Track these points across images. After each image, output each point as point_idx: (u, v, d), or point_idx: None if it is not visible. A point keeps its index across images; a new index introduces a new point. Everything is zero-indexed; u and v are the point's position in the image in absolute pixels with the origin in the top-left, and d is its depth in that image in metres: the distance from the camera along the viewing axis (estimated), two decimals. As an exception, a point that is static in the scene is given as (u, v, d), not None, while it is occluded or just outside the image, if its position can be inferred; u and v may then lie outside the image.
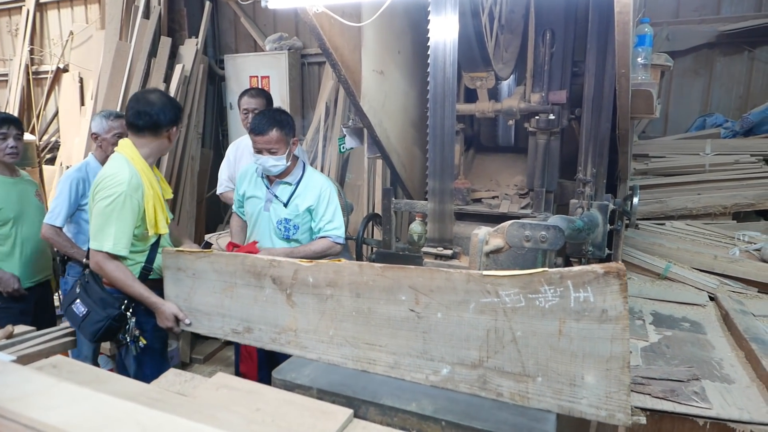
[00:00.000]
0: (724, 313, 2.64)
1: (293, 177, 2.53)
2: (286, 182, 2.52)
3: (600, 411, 1.25)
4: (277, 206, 2.51)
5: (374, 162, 4.65)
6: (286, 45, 5.45)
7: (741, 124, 4.16)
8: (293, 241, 2.53)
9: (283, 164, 2.41)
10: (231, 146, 3.53)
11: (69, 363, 1.46)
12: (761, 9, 4.22)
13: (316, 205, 2.49)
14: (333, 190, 2.55)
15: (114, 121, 2.88)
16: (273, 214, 2.52)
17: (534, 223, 1.65)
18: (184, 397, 1.31)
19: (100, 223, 2.08)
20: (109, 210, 2.07)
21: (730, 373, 2.07)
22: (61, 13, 6.64)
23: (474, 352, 1.36)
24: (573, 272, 1.22)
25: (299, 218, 2.50)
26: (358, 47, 2.23)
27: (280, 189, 2.52)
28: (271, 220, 2.53)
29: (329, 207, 2.51)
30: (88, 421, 0.87)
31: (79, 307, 2.14)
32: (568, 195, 2.52)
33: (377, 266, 1.45)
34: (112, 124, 2.87)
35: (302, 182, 2.53)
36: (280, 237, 2.53)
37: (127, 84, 5.18)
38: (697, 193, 3.88)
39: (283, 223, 2.51)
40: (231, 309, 1.76)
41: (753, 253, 3.18)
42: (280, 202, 2.51)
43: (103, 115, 2.94)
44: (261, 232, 2.57)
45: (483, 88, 2.36)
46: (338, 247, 2.53)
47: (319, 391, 1.43)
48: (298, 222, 2.51)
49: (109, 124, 2.87)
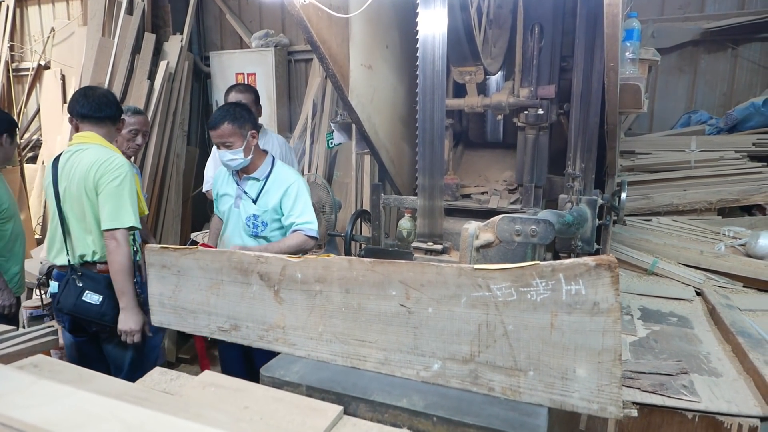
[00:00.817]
0: (710, 307, 2.66)
1: (261, 172, 2.50)
2: (254, 178, 2.50)
3: (592, 404, 1.24)
4: (247, 202, 2.50)
5: (362, 159, 4.63)
6: (272, 42, 5.41)
7: (725, 120, 4.22)
8: (261, 238, 2.51)
9: (240, 158, 2.39)
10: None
11: (51, 362, 1.41)
12: (744, 7, 4.27)
13: (285, 200, 2.46)
14: (302, 184, 2.52)
15: (131, 117, 2.83)
16: (242, 210, 2.51)
17: (524, 218, 1.64)
18: (170, 396, 1.28)
19: (116, 202, 2.22)
20: (121, 189, 2.23)
21: (718, 366, 2.08)
22: (41, 9, 6.53)
23: (465, 347, 1.35)
24: (565, 265, 1.21)
25: (268, 215, 2.48)
26: (345, 41, 2.21)
27: (249, 185, 2.50)
28: (241, 217, 2.51)
29: (298, 201, 2.47)
30: (69, 419, 0.84)
31: (92, 296, 2.27)
32: (556, 190, 2.53)
33: (367, 261, 1.43)
34: (130, 120, 2.82)
35: (271, 177, 2.51)
36: (249, 234, 2.51)
37: (111, 81, 5.09)
38: (683, 189, 3.92)
39: (251, 220, 2.49)
40: (217, 306, 1.73)
41: (738, 249, 3.22)
42: (249, 198, 2.49)
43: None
44: (232, 229, 2.55)
45: (472, 82, 2.35)
46: (312, 242, 2.51)
47: (309, 388, 1.41)
48: (266, 219, 2.49)
49: (127, 120, 2.81)
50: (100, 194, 2.24)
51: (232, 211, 2.55)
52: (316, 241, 2.55)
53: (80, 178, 2.29)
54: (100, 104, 2.39)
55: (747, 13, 4.18)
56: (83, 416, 0.86)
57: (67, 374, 1.28)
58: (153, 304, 1.84)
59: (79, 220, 2.34)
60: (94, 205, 2.30)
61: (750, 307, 2.64)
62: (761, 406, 1.79)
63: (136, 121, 2.85)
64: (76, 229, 2.35)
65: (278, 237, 2.53)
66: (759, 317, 2.53)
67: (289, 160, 3.47)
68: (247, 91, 3.25)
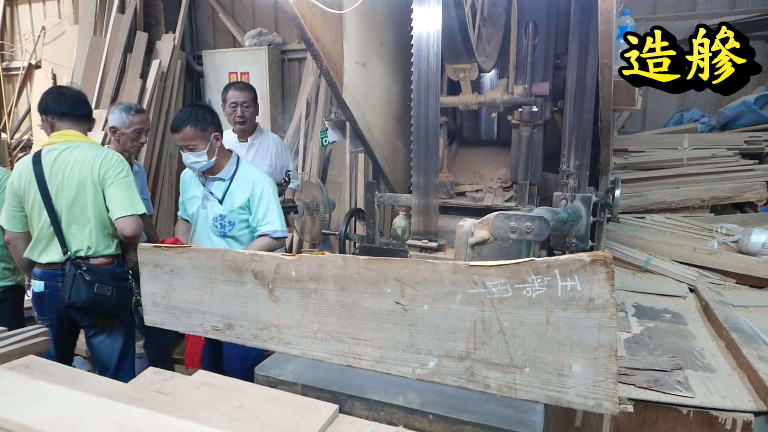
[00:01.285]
0: (704, 304, 2.68)
1: (226, 172, 2.50)
2: (219, 178, 2.49)
3: (588, 400, 1.23)
4: (213, 203, 2.49)
5: (356, 158, 4.62)
6: (265, 41, 5.39)
7: (717, 118, 4.24)
8: (230, 238, 2.51)
9: (204, 161, 2.39)
10: None
11: (42, 363, 1.40)
12: (736, 6, 4.30)
13: (250, 201, 2.46)
14: (267, 183, 2.51)
15: (135, 116, 2.81)
16: (209, 211, 2.50)
17: (519, 215, 1.64)
18: (164, 396, 1.27)
19: (127, 193, 2.38)
20: (128, 180, 2.40)
21: (712, 362, 2.09)
22: (32, 8, 6.47)
23: (461, 344, 1.34)
24: (560, 261, 1.20)
25: (234, 214, 2.47)
26: (339, 38, 2.20)
27: (215, 186, 2.50)
28: (208, 218, 2.50)
29: (262, 202, 2.47)
30: (61, 419, 0.83)
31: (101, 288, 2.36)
32: (551, 188, 2.53)
33: (362, 259, 1.42)
34: (133, 119, 2.80)
35: (236, 177, 2.50)
36: (217, 234, 2.50)
37: (102, 80, 5.06)
38: (676, 187, 3.94)
39: (218, 220, 2.48)
40: (211, 306, 1.71)
41: (731, 245, 3.23)
42: (216, 198, 2.48)
43: (122, 108, 2.84)
44: (200, 230, 2.55)
45: (466, 79, 2.35)
46: (279, 243, 2.51)
47: (304, 387, 1.40)
48: (233, 218, 2.48)
49: (130, 119, 2.80)
50: (109, 187, 2.36)
51: (199, 212, 2.54)
52: (283, 242, 2.54)
53: (81, 174, 2.34)
54: (77, 102, 2.46)
55: (738, 12, 4.22)
56: (76, 416, 0.85)
57: (58, 375, 1.27)
58: (146, 303, 1.82)
59: (76, 215, 2.37)
60: (98, 198, 2.37)
61: (743, 303, 2.66)
62: (755, 401, 1.80)
63: (140, 120, 2.83)
64: (73, 225, 2.38)
65: (246, 236, 2.53)
66: (752, 313, 2.55)
67: (284, 159, 3.45)
68: (246, 90, 3.24)
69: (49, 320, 2.45)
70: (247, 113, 3.23)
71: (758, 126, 4.08)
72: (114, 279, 2.40)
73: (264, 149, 3.35)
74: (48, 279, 2.42)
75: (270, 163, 3.32)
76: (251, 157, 3.31)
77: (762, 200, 3.77)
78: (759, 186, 3.76)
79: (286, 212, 3.33)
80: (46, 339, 1.78)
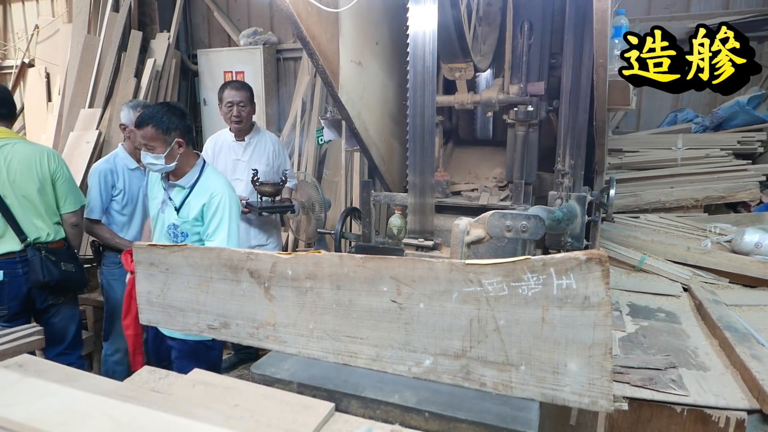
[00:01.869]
0: (697, 303, 2.69)
1: (187, 180, 2.38)
2: (179, 185, 2.38)
3: (583, 398, 1.24)
4: (170, 210, 2.39)
5: (351, 158, 4.62)
6: (260, 40, 5.38)
7: (711, 119, 4.27)
8: None
9: (161, 164, 2.28)
10: (209, 139, 3.44)
11: (36, 361, 1.39)
12: (729, 7, 4.33)
13: (204, 210, 2.34)
14: (225, 197, 2.34)
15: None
16: (166, 216, 2.41)
17: (515, 213, 1.64)
18: (159, 394, 1.26)
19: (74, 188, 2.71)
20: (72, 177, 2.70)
21: (705, 360, 2.11)
22: (25, 6, 6.43)
23: (457, 343, 1.34)
24: (555, 259, 1.21)
25: (188, 225, 2.36)
26: (335, 37, 2.20)
27: (175, 192, 2.39)
28: (165, 223, 2.41)
29: (216, 215, 2.33)
30: (56, 417, 0.82)
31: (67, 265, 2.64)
32: (546, 187, 2.53)
33: (358, 257, 1.42)
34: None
35: (196, 186, 2.37)
36: (170, 242, 2.35)
37: (97, 79, 5.04)
38: (670, 187, 3.96)
39: (172, 229, 2.39)
40: (207, 304, 1.71)
41: (724, 245, 3.25)
42: (173, 205, 2.38)
43: (131, 106, 2.88)
44: (158, 234, 2.47)
45: (462, 79, 2.35)
46: None
47: (300, 385, 1.40)
48: (186, 229, 2.37)
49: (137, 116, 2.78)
50: (58, 182, 2.63)
51: (159, 215, 2.44)
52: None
53: (28, 169, 2.54)
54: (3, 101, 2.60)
55: (732, 13, 4.24)
56: (71, 414, 0.84)
57: (53, 373, 1.26)
58: (141, 302, 1.82)
59: (26, 207, 2.56)
60: (47, 192, 2.60)
61: (736, 303, 2.68)
62: (748, 399, 1.81)
63: None
64: (29, 215, 2.57)
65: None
66: (745, 312, 2.57)
67: (282, 159, 3.44)
68: (242, 89, 3.21)
69: (8, 308, 2.56)
70: (243, 113, 3.20)
71: (751, 126, 4.11)
72: (71, 258, 2.70)
73: (261, 148, 3.34)
74: (7, 268, 2.54)
75: (267, 162, 3.31)
76: (248, 156, 3.30)
77: (755, 200, 3.80)
78: (752, 186, 3.79)
79: (283, 212, 3.32)
80: (40, 338, 1.77)
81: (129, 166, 2.98)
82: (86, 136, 4.77)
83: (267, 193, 3.12)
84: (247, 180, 3.27)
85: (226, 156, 3.30)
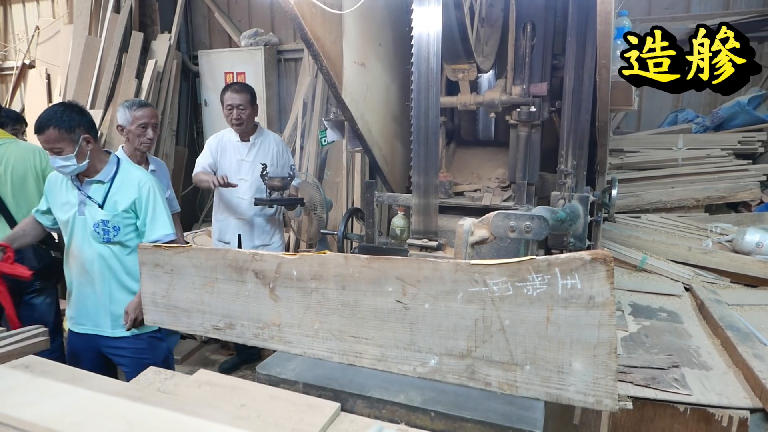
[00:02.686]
0: (699, 302, 2.70)
1: (105, 174, 2.32)
2: (98, 181, 2.31)
3: (587, 397, 1.24)
4: (92, 208, 2.31)
5: (353, 158, 4.62)
6: (261, 41, 5.38)
7: (711, 119, 4.27)
8: (116, 244, 2.34)
9: (73, 164, 2.20)
10: (213, 137, 3.41)
11: (42, 362, 1.40)
12: (729, 7, 4.34)
13: (136, 203, 2.32)
14: (153, 183, 2.37)
15: (137, 111, 2.75)
16: (88, 217, 2.31)
17: (519, 214, 1.65)
18: (165, 395, 1.27)
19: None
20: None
21: (708, 360, 2.11)
22: (26, 7, 6.43)
23: (462, 342, 1.35)
24: (560, 259, 1.21)
25: (119, 218, 2.31)
26: (339, 38, 2.20)
27: (93, 189, 2.31)
28: (87, 224, 2.32)
29: (149, 204, 2.33)
30: (69, 417, 0.82)
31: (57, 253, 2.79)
32: (548, 187, 2.54)
33: (363, 258, 1.42)
34: (136, 114, 2.74)
35: (117, 179, 2.33)
36: (100, 241, 2.32)
37: (98, 80, 5.05)
38: (671, 187, 3.97)
39: (100, 226, 2.30)
40: (212, 305, 1.71)
41: (725, 245, 3.26)
42: (95, 203, 2.30)
43: (125, 105, 2.80)
44: (78, 239, 2.35)
45: (465, 80, 2.36)
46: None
47: (305, 385, 1.41)
48: (117, 223, 2.31)
49: (133, 114, 2.74)
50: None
51: (76, 219, 2.33)
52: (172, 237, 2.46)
53: (24, 166, 2.73)
54: None
55: (732, 14, 4.25)
56: (83, 413, 0.85)
57: (60, 374, 1.27)
58: (146, 303, 1.82)
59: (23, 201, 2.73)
60: (40, 186, 2.72)
61: (737, 302, 2.68)
62: (750, 398, 1.82)
63: (144, 114, 2.75)
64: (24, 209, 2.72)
65: (135, 240, 2.38)
66: (746, 311, 2.58)
67: (285, 159, 3.45)
68: (243, 92, 3.19)
69: None
70: (243, 115, 3.20)
71: (752, 126, 4.12)
72: (55, 246, 2.84)
73: (265, 149, 3.34)
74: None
75: (272, 162, 3.31)
76: (253, 156, 3.30)
77: (756, 200, 3.81)
78: (753, 186, 3.80)
79: (293, 205, 3.32)
80: (45, 339, 1.77)
81: None
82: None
83: (275, 187, 3.09)
84: (252, 180, 3.27)
85: (230, 156, 3.31)
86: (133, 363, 2.41)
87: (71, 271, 2.40)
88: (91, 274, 2.34)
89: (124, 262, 2.36)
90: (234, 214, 3.37)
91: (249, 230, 3.37)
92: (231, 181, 3.13)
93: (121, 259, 2.35)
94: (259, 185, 3.26)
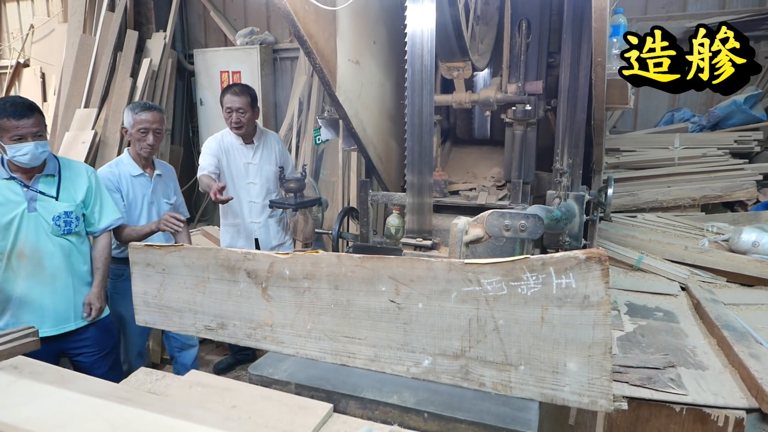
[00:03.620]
0: (695, 302, 2.69)
1: (52, 167, 2.32)
2: (48, 174, 2.29)
3: (582, 398, 1.23)
4: (47, 202, 2.27)
5: (349, 158, 4.61)
6: (257, 39, 5.37)
7: (708, 118, 4.27)
8: (75, 235, 2.35)
9: (48, 150, 2.26)
10: (212, 139, 3.27)
11: (31, 363, 1.38)
12: (725, 6, 4.34)
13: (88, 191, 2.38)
14: (93, 173, 2.46)
15: (139, 114, 2.69)
16: (44, 212, 2.27)
17: (514, 213, 1.64)
18: (156, 396, 1.25)
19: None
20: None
21: (704, 359, 2.11)
22: (20, 6, 6.40)
23: (456, 342, 1.33)
24: (555, 258, 1.20)
25: (80, 208, 2.36)
26: (333, 36, 2.19)
27: (43, 183, 2.28)
28: (43, 219, 2.27)
29: (98, 194, 2.42)
30: (51, 419, 0.81)
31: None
32: (544, 186, 2.53)
33: (356, 257, 1.41)
34: (137, 117, 2.69)
35: (63, 170, 2.35)
36: (59, 234, 2.30)
37: (92, 79, 5.02)
38: (667, 186, 3.97)
39: (62, 218, 2.29)
40: (203, 305, 1.69)
41: (721, 244, 3.26)
42: (49, 197, 2.28)
43: (130, 107, 2.77)
44: (30, 236, 2.26)
45: (460, 78, 2.35)
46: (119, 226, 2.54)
47: (298, 386, 1.39)
48: (79, 213, 2.36)
49: (134, 118, 2.69)
50: None
51: (25, 217, 2.24)
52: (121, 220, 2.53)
53: None
54: None
55: (728, 12, 4.25)
56: (66, 416, 0.83)
57: (48, 375, 1.25)
58: (137, 303, 1.80)
59: None
60: None
61: (734, 302, 2.68)
62: (747, 398, 1.81)
63: (144, 119, 2.69)
64: None
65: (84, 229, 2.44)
66: (742, 311, 2.57)
67: (285, 158, 3.42)
68: (242, 94, 3.09)
69: None
70: (243, 119, 3.11)
71: (748, 125, 4.12)
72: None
73: (269, 150, 3.29)
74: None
75: (276, 162, 3.27)
76: (258, 158, 3.23)
77: (752, 199, 3.80)
78: (749, 185, 3.80)
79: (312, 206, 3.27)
80: (36, 339, 1.75)
81: (132, 172, 2.82)
82: (82, 137, 4.75)
83: (292, 189, 3.01)
84: (261, 182, 3.21)
85: (236, 160, 3.21)
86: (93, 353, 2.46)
87: (16, 276, 2.26)
88: (49, 270, 2.29)
89: (82, 252, 2.40)
90: (248, 218, 3.29)
91: (265, 233, 3.34)
92: (241, 185, 3.13)
93: (79, 249, 2.39)
94: (269, 187, 3.24)
